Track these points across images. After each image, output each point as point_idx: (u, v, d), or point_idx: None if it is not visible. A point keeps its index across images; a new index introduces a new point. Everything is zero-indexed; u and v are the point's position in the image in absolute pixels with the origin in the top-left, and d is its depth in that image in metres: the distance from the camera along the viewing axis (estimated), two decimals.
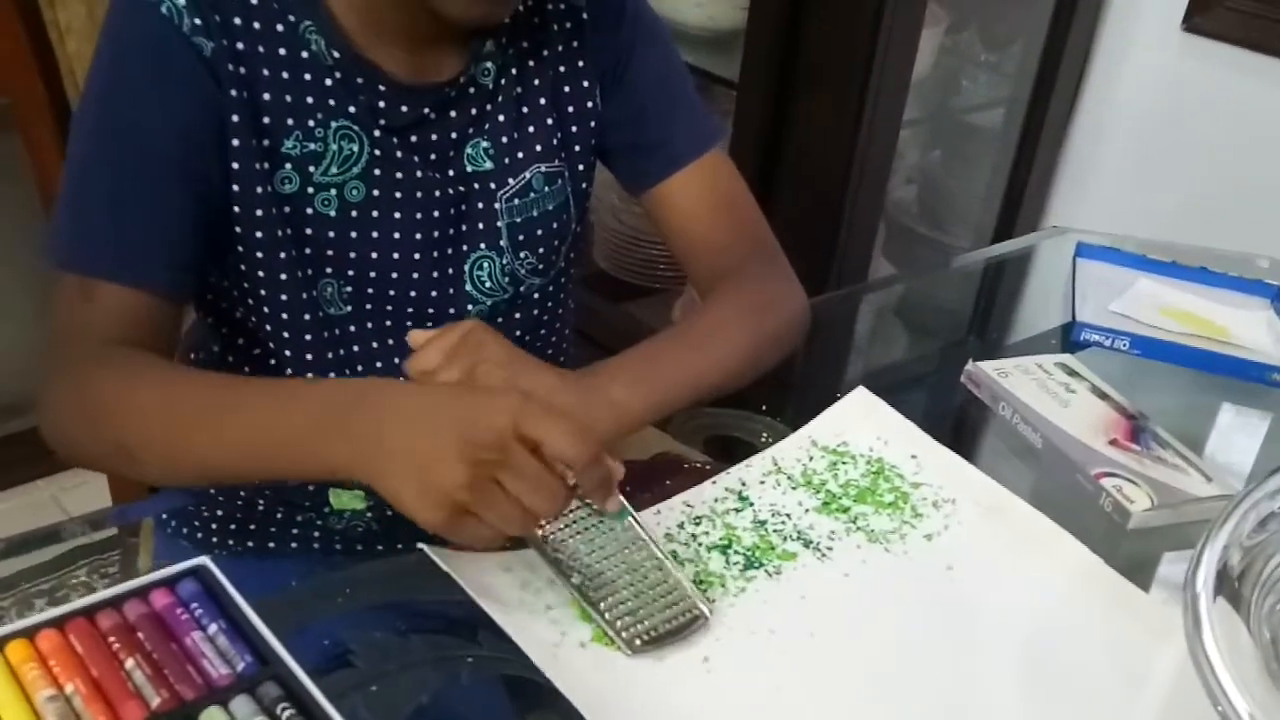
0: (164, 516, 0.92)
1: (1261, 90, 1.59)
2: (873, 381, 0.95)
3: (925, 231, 1.98)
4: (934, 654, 0.71)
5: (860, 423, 0.90)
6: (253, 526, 0.83)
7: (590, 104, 0.97)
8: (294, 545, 0.82)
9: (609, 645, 0.68)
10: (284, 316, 0.88)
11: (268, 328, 0.89)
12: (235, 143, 0.81)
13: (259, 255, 0.85)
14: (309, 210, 0.85)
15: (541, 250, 0.96)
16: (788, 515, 0.81)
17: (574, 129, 0.97)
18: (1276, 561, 0.72)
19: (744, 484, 0.84)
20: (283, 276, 0.86)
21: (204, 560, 0.67)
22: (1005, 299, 1.33)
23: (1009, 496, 0.84)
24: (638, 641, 0.67)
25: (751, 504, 0.82)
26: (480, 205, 0.93)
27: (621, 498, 0.70)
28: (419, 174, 0.89)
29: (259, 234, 0.84)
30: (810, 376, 1.06)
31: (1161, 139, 1.68)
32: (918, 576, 0.77)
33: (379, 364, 0.94)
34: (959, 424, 1.02)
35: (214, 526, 0.84)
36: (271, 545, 0.82)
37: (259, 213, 0.84)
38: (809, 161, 1.51)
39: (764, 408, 0.92)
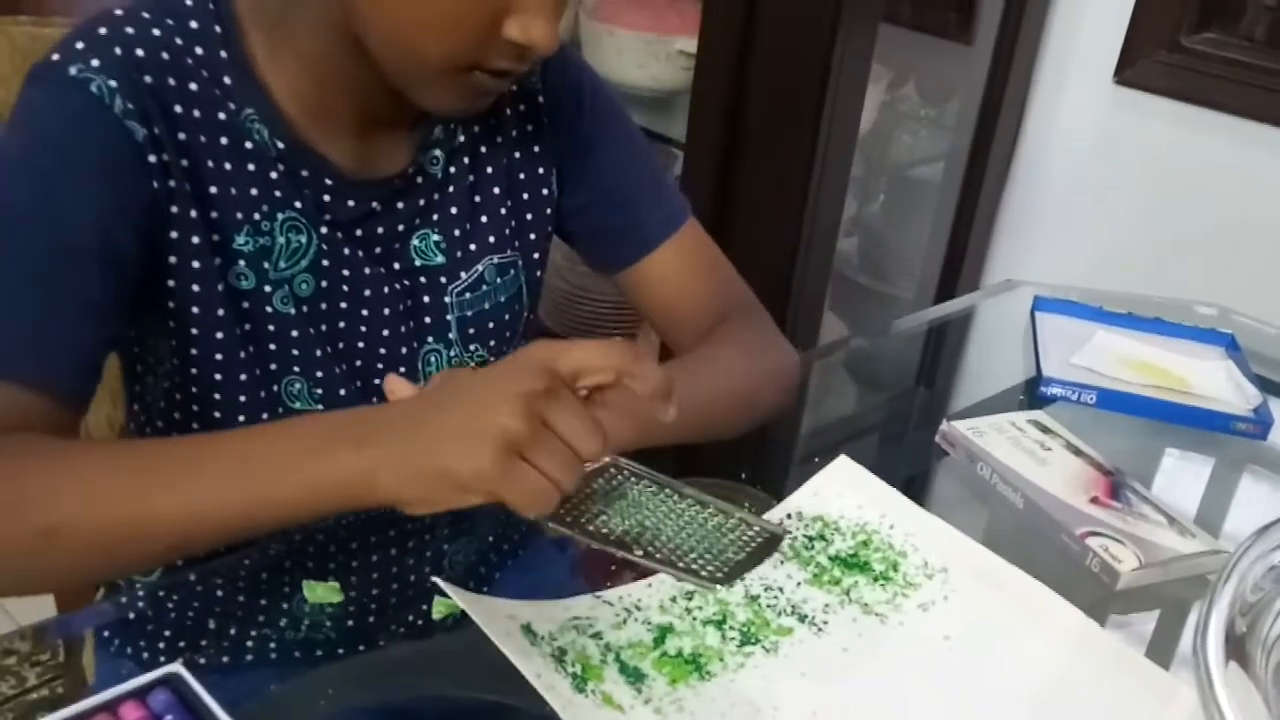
0: (105, 634, 0.85)
1: (1190, 140, 1.62)
2: (843, 443, 0.93)
3: (867, 283, 1.99)
4: None
5: (845, 493, 0.89)
6: (225, 633, 0.78)
7: (546, 191, 0.94)
8: (273, 655, 0.76)
9: (700, 591, 0.70)
10: (241, 419, 0.83)
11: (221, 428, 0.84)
12: (174, 235, 0.76)
13: (218, 357, 0.80)
14: (268, 309, 0.81)
15: (493, 343, 0.93)
16: (780, 589, 0.78)
17: (529, 216, 0.93)
18: (1279, 619, 0.71)
19: None
20: (242, 376, 0.81)
21: (176, 667, 0.63)
22: (966, 354, 1.34)
23: (1002, 564, 0.83)
24: (720, 575, 0.70)
25: (742, 578, 0.79)
26: (428, 299, 0.89)
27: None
28: (366, 270, 0.85)
29: (219, 334, 0.80)
30: (784, 441, 1.04)
31: (1096, 189, 1.71)
32: (916, 648, 0.75)
33: None
34: (933, 483, 1.01)
35: (166, 634, 0.78)
36: (249, 657, 0.76)
37: (220, 312, 0.79)
38: (759, 221, 1.51)
39: (743, 476, 0.90)
